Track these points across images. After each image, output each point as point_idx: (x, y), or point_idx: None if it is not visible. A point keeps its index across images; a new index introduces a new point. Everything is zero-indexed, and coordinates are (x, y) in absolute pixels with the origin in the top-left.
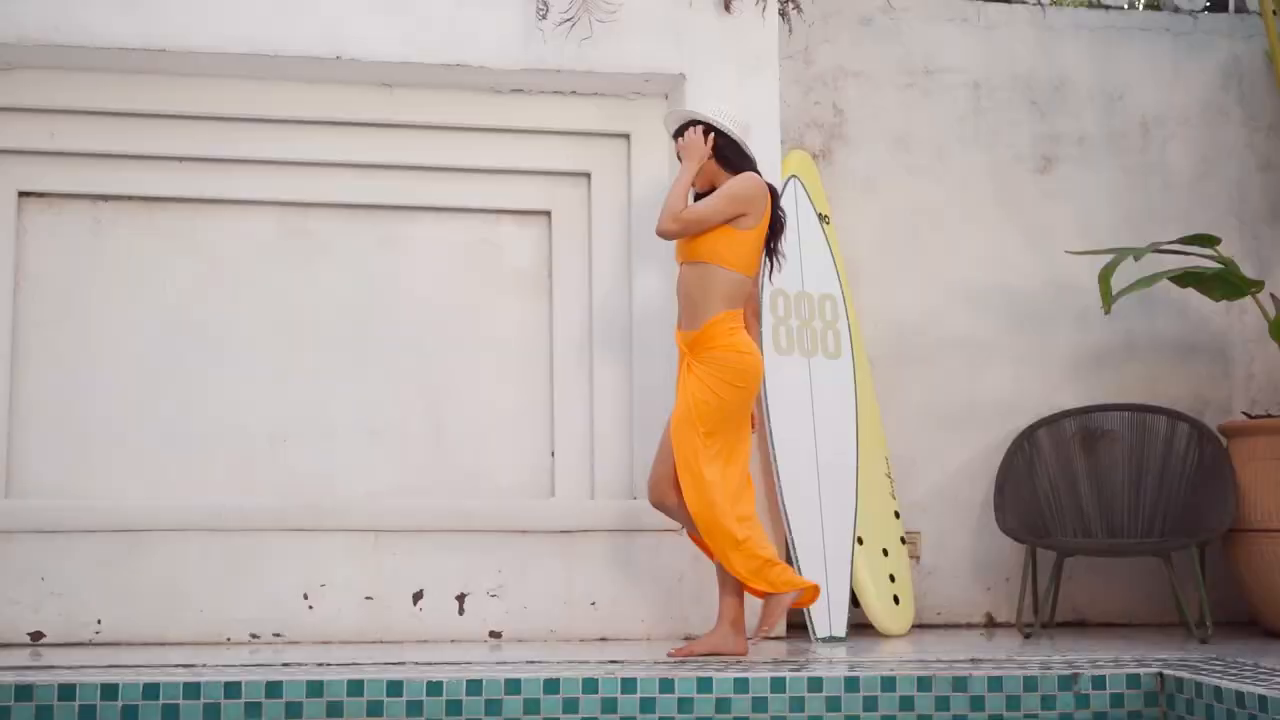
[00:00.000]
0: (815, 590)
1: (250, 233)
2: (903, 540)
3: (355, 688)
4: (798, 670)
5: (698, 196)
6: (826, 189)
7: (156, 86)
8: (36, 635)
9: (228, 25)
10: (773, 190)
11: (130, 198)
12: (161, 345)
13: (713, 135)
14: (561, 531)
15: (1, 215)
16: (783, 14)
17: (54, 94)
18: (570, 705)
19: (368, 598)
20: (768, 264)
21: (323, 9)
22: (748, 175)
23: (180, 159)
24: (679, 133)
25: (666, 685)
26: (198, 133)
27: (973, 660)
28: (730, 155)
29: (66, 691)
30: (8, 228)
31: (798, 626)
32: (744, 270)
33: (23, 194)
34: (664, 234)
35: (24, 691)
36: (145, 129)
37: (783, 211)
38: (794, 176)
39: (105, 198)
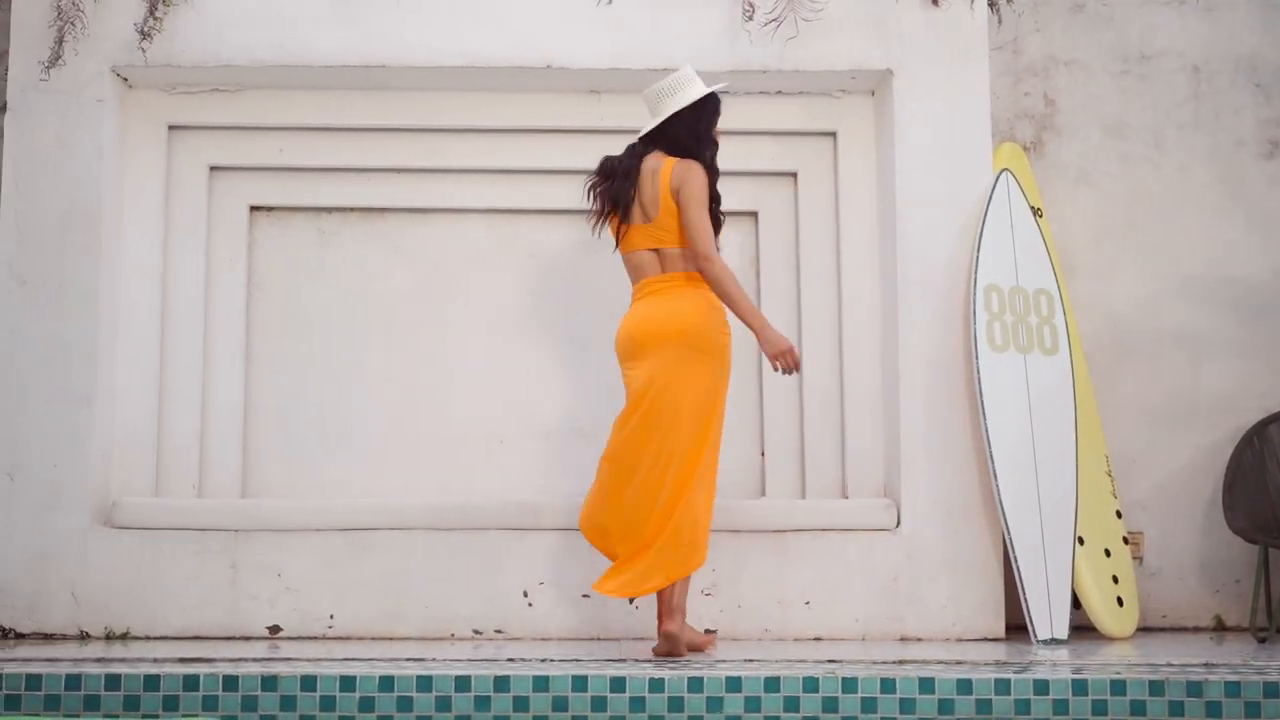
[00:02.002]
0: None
1: (463, 239)
2: (1125, 540)
3: (579, 683)
4: (1022, 672)
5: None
6: (1039, 181)
7: (375, 101)
8: (274, 629)
9: (441, 40)
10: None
11: (351, 209)
12: (382, 349)
13: None
14: (774, 531)
15: (234, 228)
16: (992, 4)
17: (281, 112)
18: (791, 704)
19: (584, 596)
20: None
21: (531, 20)
22: None
23: (397, 170)
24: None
25: (888, 685)
26: (413, 144)
27: (1206, 665)
28: None
29: (308, 682)
30: (240, 240)
31: (1017, 628)
32: None
33: (254, 208)
34: None
35: (269, 682)
36: (365, 142)
37: None
38: (1005, 170)
39: (329, 209)
